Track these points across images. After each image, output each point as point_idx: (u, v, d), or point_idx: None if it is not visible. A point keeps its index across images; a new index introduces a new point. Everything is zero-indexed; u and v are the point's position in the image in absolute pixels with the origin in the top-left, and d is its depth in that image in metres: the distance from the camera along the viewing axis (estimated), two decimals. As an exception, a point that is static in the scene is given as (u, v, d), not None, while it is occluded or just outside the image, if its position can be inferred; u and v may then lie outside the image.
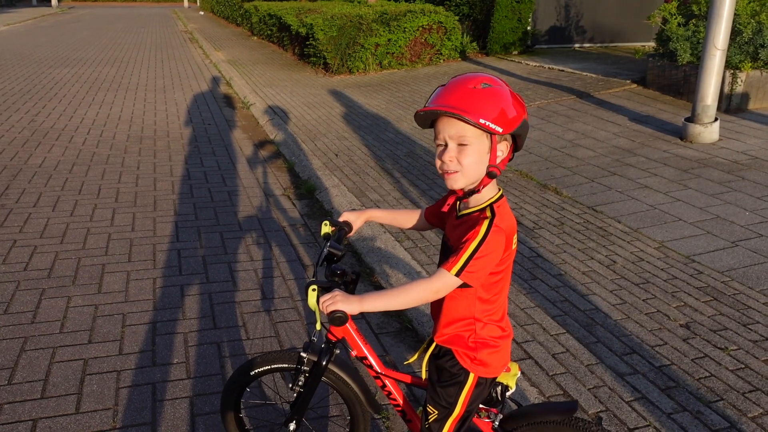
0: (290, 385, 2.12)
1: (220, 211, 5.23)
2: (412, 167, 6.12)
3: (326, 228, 2.07)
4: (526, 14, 11.91)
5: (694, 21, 7.86)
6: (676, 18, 7.86)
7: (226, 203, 5.41)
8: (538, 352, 3.17)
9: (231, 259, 4.35)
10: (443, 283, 1.66)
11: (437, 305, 1.85)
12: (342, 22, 11.24)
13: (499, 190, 1.75)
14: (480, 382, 1.83)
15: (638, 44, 12.51)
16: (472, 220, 1.70)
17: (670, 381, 2.92)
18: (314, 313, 1.84)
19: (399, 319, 3.59)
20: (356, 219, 2.11)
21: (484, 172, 1.67)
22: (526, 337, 3.28)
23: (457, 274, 1.63)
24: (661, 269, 3.97)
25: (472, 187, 1.70)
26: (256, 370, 2.19)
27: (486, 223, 1.64)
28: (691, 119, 6.50)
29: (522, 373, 2.99)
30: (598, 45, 13.14)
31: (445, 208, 1.80)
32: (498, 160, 1.67)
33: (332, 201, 5.30)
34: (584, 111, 7.87)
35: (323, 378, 2.12)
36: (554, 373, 3.00)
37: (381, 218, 2.15)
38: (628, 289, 3.75)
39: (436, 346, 1.89)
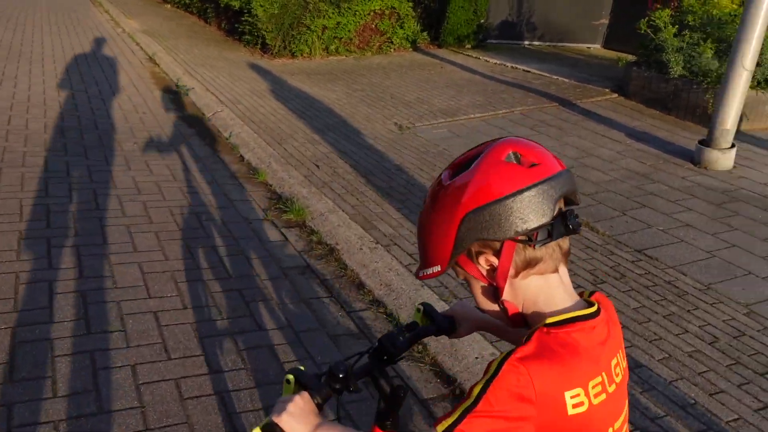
0: None
1: (192, 245, 4.06)
2: (411, 185, 5.17)
3: (418, 315, 1.52)
4: (483, 6, 11.15)
5: (688, 32, 7.36)
6: (669, 28, 7.32)
7: (198, 233, 4.23)
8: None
9: (232, 329, 3.25)
10: None
11: None
12: (286, -1, 10.02)
13: (591, 305, 1.18)
14: None
15: (584, 45, 12.30)
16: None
17: None
18: None
19: None
20: (467, 323, 1.52)
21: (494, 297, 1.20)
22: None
23: None
24: (772, 349, 3.28)
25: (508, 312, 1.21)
26: None
27: (496, 363, 1.08)
28: (707, 143, 5.96)
29: None
30: (547, 44, 12.66)
31: None
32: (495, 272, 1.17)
33: (335, 233, 4.26)
34: (573, 122, 7.20)
35: None
36: None
37: (489, 328, 1.53)
38: (755, 382, 3.02)
39: None
